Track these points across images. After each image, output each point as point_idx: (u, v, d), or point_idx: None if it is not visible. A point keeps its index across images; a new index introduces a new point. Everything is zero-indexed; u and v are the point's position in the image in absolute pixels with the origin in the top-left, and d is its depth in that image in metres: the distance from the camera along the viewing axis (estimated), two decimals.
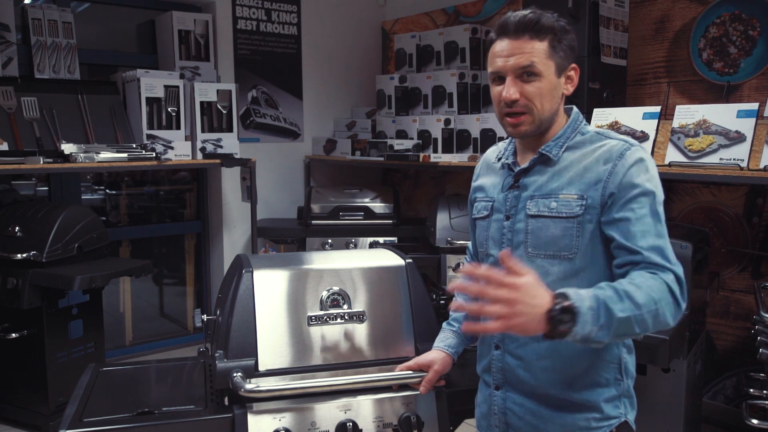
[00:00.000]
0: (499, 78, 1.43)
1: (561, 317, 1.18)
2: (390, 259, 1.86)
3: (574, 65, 1.46)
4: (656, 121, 2.78)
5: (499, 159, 1.58)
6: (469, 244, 1.75)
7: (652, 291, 1.25)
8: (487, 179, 1.60)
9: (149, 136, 3.63)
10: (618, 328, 1.22)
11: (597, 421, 1.41)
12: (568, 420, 1.42)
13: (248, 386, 1.53)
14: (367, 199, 4.20)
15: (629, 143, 1.41)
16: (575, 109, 1.52)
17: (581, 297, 1.21)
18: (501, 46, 1.42)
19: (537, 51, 1.39)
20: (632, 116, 2.85)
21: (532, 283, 1.20)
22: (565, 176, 1.42)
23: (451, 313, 1.73)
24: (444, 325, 1.73)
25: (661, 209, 1.36)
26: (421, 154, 3.85)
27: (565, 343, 1.38)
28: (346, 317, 1.71)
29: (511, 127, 1.45)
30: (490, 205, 1.54)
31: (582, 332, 1.19)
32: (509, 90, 1.40)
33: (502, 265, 1.22)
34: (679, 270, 1.31)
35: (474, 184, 1.65)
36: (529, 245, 1.44)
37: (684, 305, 1.30)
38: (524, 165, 1.49)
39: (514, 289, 1.18)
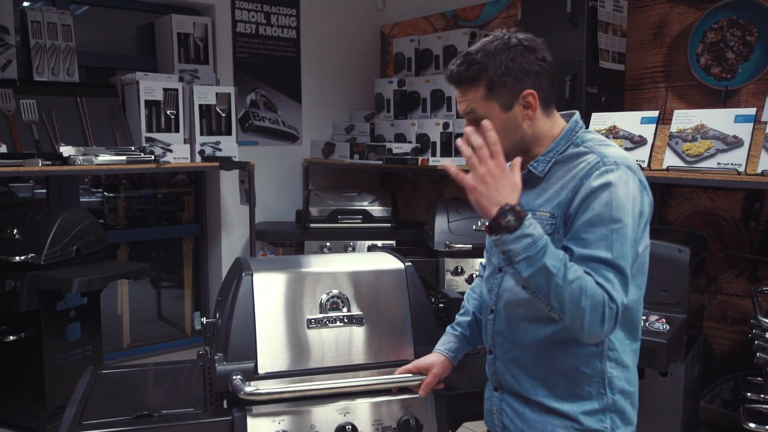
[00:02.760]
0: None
1: (508, 215, 1.27)
2: (389, 262, 1.86)
3: (529, 91, 1.40)
4: (654, 125, 2.79)
5: None
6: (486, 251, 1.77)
7: (586, 287, 1.25)
8: None
9: (148, 139, 3.63)
10: (537, 273, 1.26)
11: (577, 431, 1.42)
12: (549, 427, 1.44)
13: (248, 389, 1.53)
14: (365, 203, 4.20)
15: (603, 161, 1.35)
16: (575, 117, 1.48)
17: (536, 225, 1.29)
18: (455, 92, 1.49)
19: (474, 98, 1.42)
20: (630, 121, 2.86)
21: (513, 182, 1.32)
22: (546, 193, 1.42)
23: (457, 316, 1.75)
24: (447, 328, 1.74)
25: (619, 236, 1.29)
26: (420, 158, 3.86)
27: (545, 353, 1.43)
28: (346, 320, 1.71)
29: None
30: None
31: (512, 244, 1.27)
32: (466, 132, 1.41)
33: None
34: (620, 299, 1.27)
35: None
36: None
37: (606, 329, 1.27)
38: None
39: (495, 167, 1.31)
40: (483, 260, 1.79)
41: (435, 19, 4.61)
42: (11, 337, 2.99)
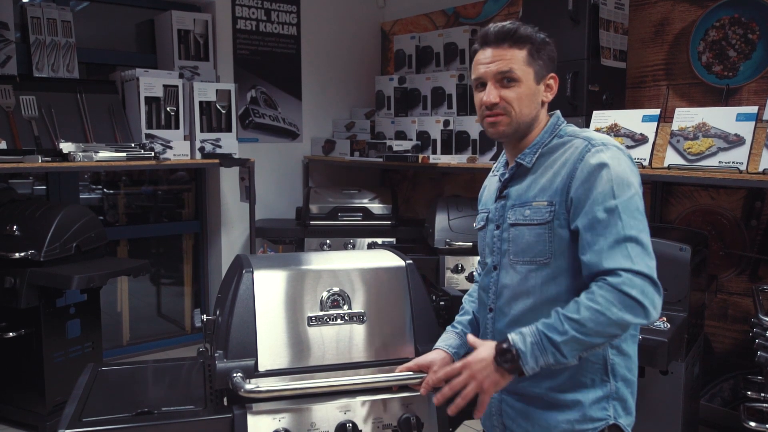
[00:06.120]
0: (481, 84, 1.49)
1: (502, 361, 1.37)
2: (390, 260, 1.86)
3: (553, 74, 1.51)
4: (655, 123, 2.79)
5: (494, 171, 1.66)
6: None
7: (594, 303, 1.30)
8: (487, 191, 1.67)
9: (148, 136, 3.63)
10: (570, 348, 1.32)
11: (579, 423, 1.43)
12: (552, 421, 1.45)
13: (248, 386, 1.53)
14: (365, 200, 4.20)
15: (591, 143, 1.42)
16: (557, 113, 1.55)
17: (523, 335, 1.36)
18: (483, 54, 1.48)
19: (516, 58, 1.45)
20: (631, 119, 2.85)
21: (476, 353, 1.42)
22: (539, 183, 1.46)
23: (456, 317, 1.75)
24: (447, 327, 1.74)
25: (627, 210, 1.34)
26: (420, 155, 3.85)
27: None
28: (346, 318, 1.70)
29: (490, 127, 1.50)
30: (485, 215, 1.61)
31: (534, 365, 1.34)
32: (489, 94, 1.46)
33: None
34: (644, 268, 1.30)
35: (479, 196, 1.72)
36: (510, 253, 1.50)
37: (649, 302, 1.29)
38: (507, 175, 1.54)
39: (464, 368, 1.42)
40: (478, 268, 1.80)
41: (435, 16, 4.60)
42: (11, 334, 2.98)
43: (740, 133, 2.54)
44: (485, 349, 1.40)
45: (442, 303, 2.04)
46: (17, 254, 2.92)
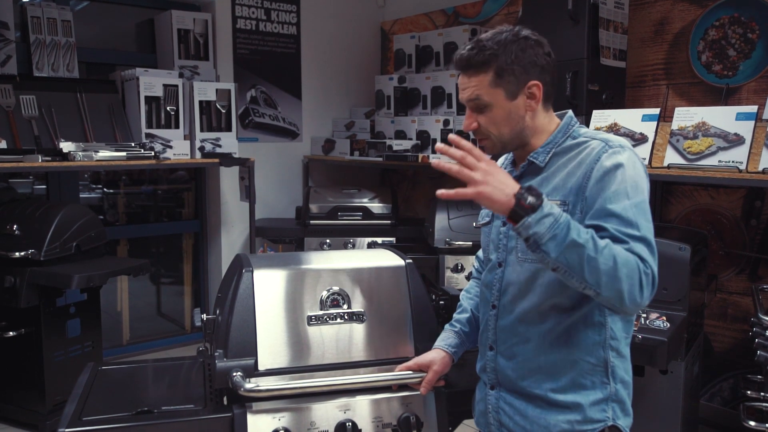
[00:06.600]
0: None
1: (528, 196, 1.26)
2: (390, 259, 1.86)
3: (534, 82, 1.44)
4: (655, 123, 2.79)
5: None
6: (479, 252, 1.77)
7: (618, 255, 1.25)
8: None
9: (148, 135, 3.63)
10: (567, 250, 1.24)
11: (579, 423, 1.43)
12: (551, 421, 1.45)
13: (248, 386, 1.53)
14: (365, 200, 4.20)
15: (609, 145, 1.40)
16: (569, 113, 1.53)
17: (553, 205, 1.28)
18: (460, 80, 1.49)
19: (481, 84, 1.43)
20: (631, 118, 2.85)
21: (509, 176, 1.31)
22: (552, 182, 1.45)
23: (455, 315, 1.75)
24: (446, 326, 1.74)
25: (640, 213, 1.33)
26: (420, 155, 3.86)
27: (551, 344, 1.43)
28: (346, 317, 1.70)
29: (480, 148, 1.48)
30: (491, 211, 1.58)
31: (537, 226, 1.25)
32: (466, 122, 1.48)
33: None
34: (656, 272, 1.29)
35: None
36: (518, 250, 1.48)
37: (646, 296, 1.27)
38: (516, 173, 1.53)
39: (491, 164, 1.30)
40: (476, 264, 1.80)
41: (435, 15, 4.60)
42: (11, 333, 2.98)
43: (740, 132, 2.54)
44: (513, 182, 1.31)
45: (441, 302, 2.03)
46: (17, 254, 2.93)
